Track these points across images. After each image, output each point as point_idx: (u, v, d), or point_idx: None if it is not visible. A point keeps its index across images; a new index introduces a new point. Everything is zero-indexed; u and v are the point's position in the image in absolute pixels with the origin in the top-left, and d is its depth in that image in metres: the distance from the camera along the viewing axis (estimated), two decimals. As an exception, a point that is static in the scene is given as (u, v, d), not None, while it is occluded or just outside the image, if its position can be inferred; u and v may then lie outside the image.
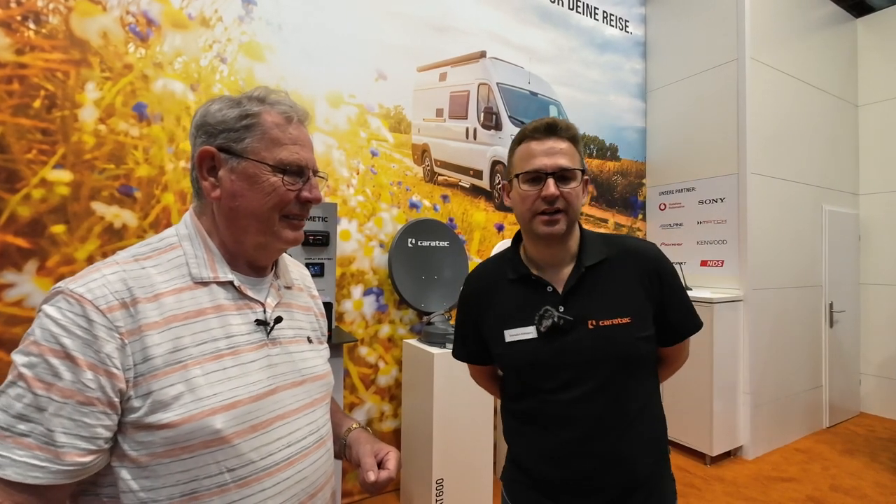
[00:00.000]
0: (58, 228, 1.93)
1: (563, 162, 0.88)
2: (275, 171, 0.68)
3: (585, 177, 0.93)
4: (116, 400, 0.57)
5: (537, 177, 0.89)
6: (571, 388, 0.90)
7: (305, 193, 0.71)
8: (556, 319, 0.89)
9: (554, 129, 0.90)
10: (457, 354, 1.12)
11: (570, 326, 0.89)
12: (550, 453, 0.92)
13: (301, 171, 0.71)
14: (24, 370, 0.54)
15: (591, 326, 0.89)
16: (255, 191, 0.68)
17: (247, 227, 0.69)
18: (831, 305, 3.83)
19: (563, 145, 0.90)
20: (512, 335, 0.94)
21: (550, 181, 0.87)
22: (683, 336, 1.00)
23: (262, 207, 0.68)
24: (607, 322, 0.89)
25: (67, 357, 0.55)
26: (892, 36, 4.10)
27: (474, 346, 1.07)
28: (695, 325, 1.00)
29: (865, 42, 4.26)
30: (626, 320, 0.89)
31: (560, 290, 0.93)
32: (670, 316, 0.96)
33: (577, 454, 0.90)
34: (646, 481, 0.91)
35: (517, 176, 0.92)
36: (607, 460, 0.89)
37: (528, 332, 0.92)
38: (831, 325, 3.83)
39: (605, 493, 0.89)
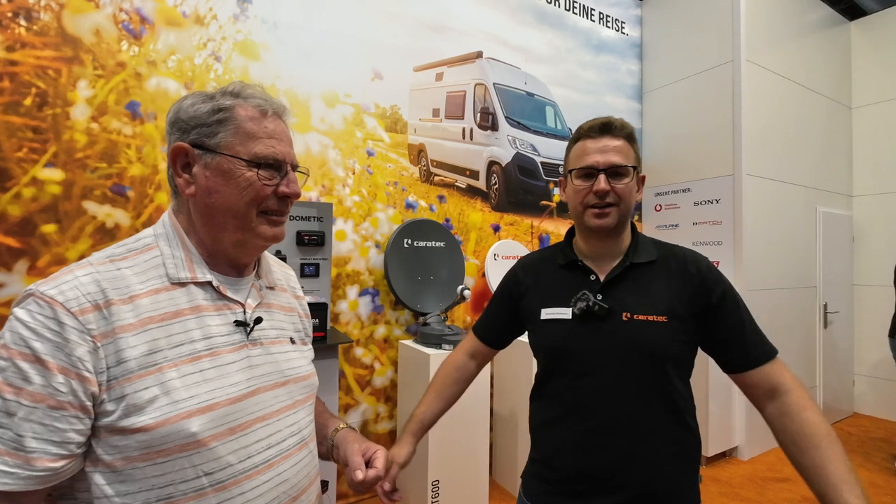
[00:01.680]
0: (49, 228, 1.91)
1: (615, 159, 0.92)
2: (250, 165, 0.66)
3: (642, 174, 0.98)
4: (89, 404, 0.56)
5: (590, 173, 0.93)
6: (594, 375, 0.90)
7: (283, 188, 0.69)
8: (590, 304, 0.91)
9: (608, 127, 0.95)
10: (475, 324, 1.17)
11: (604, 314, 0.91)
12: (569, 443, 0.92)
13: (278, 166, 0.69)
14: None
15: (624, 318, 0.90)
16: (230, 186, 0.66)
17: (224, 223, 0.67)
18: (825, 306, 3.85)
19: (616, 143, 0.93)
20: (547, 314, 0.98)
21: (602, 177, 0.91)
22: (744, 361, 0.90)
23: (238, 203, 0.66)
24: (642, 317, 0.89)
25: (37, 361, 0.53)
26: (885, 39, 4.13)
27: (495, 318, 1.12)
28: (760, 350, 0.90)
29: (859, 45, 4.29)
30: (661, 318, 0.89)
31: (602, 279, 0.96)
32: (719, 331, 0.90)
33: (591, 447, 0.89)
34: (666, 496, 0.88)
35: (571, 171, 0.96)
36: (621, 460, 0.87)
37: (563, 313, 0.95)
38: (825, 325, 3.85)
39: (618, 495, 0.87)
